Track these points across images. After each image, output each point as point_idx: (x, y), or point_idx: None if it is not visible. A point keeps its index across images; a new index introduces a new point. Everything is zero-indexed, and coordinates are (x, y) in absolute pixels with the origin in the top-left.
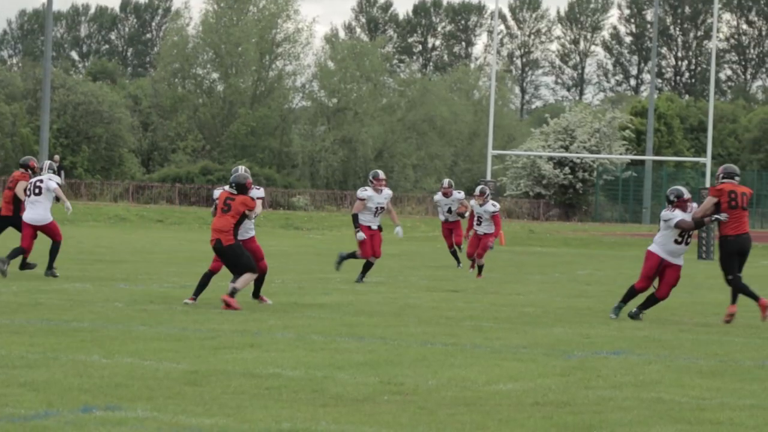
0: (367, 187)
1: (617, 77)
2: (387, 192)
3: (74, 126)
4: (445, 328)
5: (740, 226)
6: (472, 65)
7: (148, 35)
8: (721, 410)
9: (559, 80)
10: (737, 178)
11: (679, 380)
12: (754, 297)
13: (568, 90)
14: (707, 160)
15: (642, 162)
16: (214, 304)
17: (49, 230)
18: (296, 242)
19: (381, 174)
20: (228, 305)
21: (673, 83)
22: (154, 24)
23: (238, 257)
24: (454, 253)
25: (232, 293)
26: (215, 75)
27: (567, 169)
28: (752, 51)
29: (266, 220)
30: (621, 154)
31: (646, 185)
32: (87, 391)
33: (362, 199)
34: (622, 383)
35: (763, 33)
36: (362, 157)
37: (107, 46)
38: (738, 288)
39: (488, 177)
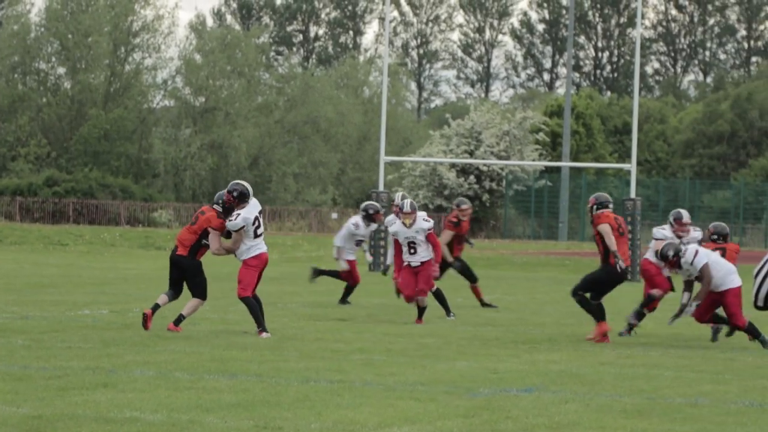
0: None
1: (528, 71)
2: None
3: None
4: (330, 362)
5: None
6: (362, 58)
7: None
8: None
9: (462, 75)
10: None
11: (600, 421)
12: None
13: (473, 86)
14: (632, 166)
15: (558, 169)
16: (61, 338)
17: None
18: (158, 264)
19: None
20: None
21: (592, 78)
22: None
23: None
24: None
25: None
26: (62, 70)
27: (472, 178)
28: (683, 40)
29: (122, 239)
30: (534, 160)
31: (562, 196)
32: None
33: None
34: (535, 425)
35: (695, 20)
36: (234, 165)
37: None
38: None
39: (380, 187)
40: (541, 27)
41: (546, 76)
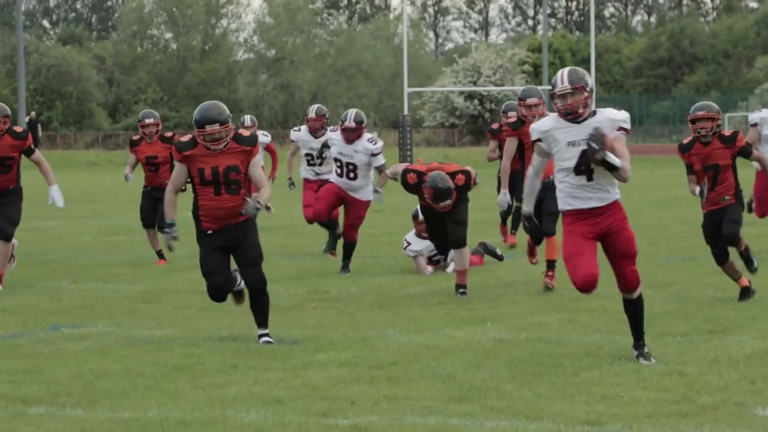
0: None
1: (517, 19)
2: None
3: (48, 85)
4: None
5: None
6: (391, 15)
7: (109, 2)
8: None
9: (467, 24)
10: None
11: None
12: None
13: (475, 32)
14: (592, 85)
15: None
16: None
17: None
18: None
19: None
20: None
21: (565, 22)
22: None
23: None
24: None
25: None
26: (169, 35)
27: (476, 101)
28: None
29: None
30: (521, 85)
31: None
32: (56, 312)
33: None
34: None
35: None
36: (299, 100)
37: (74, 14)
38: None
39: (405, 111)
40: None
41: (530, 22)
